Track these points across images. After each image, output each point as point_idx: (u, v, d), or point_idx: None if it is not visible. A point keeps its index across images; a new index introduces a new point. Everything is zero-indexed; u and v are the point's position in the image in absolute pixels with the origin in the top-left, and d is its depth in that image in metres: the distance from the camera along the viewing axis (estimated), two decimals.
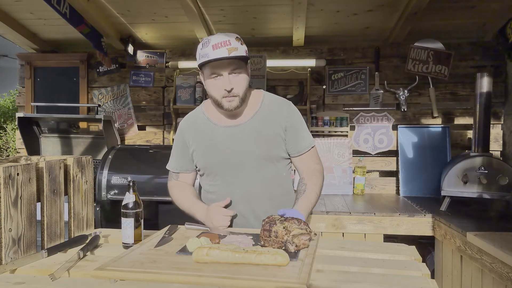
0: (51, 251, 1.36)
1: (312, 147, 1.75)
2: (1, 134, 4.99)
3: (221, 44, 1.52)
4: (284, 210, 1.50)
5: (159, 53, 3.90)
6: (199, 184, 1.88)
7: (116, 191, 2.92)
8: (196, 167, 1.79)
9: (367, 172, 3.60)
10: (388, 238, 2.85)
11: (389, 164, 3.66)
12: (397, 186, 3.60)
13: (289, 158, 1.76)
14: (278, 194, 1.74)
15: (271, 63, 3.68)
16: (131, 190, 1.44)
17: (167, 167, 1.85)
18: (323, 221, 2.81)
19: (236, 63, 1.57)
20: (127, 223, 1.42)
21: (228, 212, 1.62)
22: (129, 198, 1.43)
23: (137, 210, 1.43)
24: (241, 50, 1.57)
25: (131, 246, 1.40)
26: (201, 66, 1.59)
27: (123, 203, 1.44)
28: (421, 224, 2.76)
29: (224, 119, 1.71)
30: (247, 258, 1.17)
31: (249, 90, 1.71)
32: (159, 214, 2.92)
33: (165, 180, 1.89)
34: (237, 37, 1.58)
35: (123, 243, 1.43)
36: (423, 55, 3.47)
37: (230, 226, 1.64)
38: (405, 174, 3.53)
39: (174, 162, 1.82)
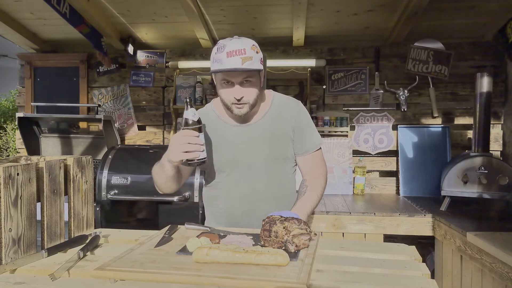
0: (51, 251, 1.36)
1: (319, 149, 1.76)
2: (1, 134, 4.99)
3: (235, 53, 1.50)
4: (280, 212, 1.48)
5: (159, 53, 3.90)
6: (202, 180, 1.87)
7: (116, 191, 2.91)
8: None
9: (367, 172, 3.60)
10: (388, 238, 2.84)
11: (389, 164, 3.66)
12: (397, 186, 3.60)
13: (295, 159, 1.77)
14: (282, 195, 1.74)
15: (271, 63, 3.67)
16: (188, 107, 1.49)
17: None
18: (323, 221, 2.81)
19: (249, 72, 1.56)
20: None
21: (193, 139, 1.46)
22: (189, 113, 1.48)
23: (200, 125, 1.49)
24: (256, 59, 1.55)
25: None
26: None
27: (184, 117, 1.48)
28: (421, 224, 2.76)
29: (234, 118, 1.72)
30: (247, 258, 1.16)
31: (260, 91, 1.72)
32: (159, 214, 2.91)
33: None
34: (253, 45, 1.56)
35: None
36: (423, 55, 3.47)
37: (234, 226, 1.63)
38: (405, 174, 3.53)
39: None
